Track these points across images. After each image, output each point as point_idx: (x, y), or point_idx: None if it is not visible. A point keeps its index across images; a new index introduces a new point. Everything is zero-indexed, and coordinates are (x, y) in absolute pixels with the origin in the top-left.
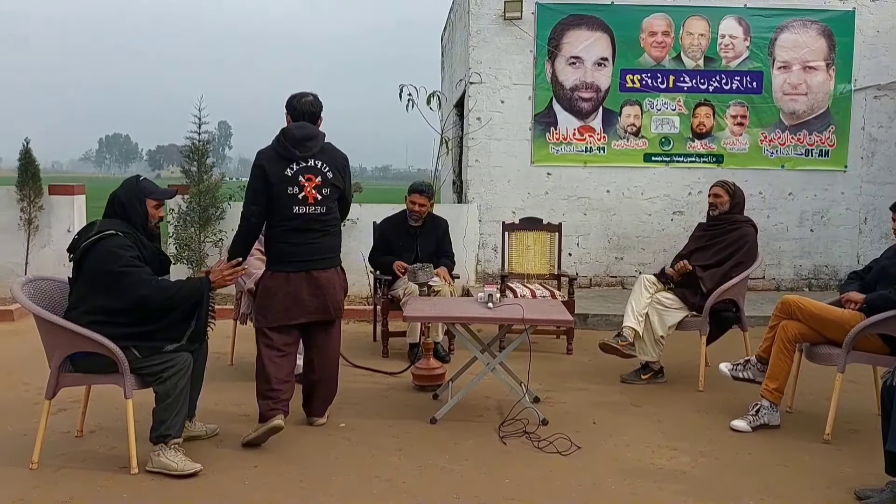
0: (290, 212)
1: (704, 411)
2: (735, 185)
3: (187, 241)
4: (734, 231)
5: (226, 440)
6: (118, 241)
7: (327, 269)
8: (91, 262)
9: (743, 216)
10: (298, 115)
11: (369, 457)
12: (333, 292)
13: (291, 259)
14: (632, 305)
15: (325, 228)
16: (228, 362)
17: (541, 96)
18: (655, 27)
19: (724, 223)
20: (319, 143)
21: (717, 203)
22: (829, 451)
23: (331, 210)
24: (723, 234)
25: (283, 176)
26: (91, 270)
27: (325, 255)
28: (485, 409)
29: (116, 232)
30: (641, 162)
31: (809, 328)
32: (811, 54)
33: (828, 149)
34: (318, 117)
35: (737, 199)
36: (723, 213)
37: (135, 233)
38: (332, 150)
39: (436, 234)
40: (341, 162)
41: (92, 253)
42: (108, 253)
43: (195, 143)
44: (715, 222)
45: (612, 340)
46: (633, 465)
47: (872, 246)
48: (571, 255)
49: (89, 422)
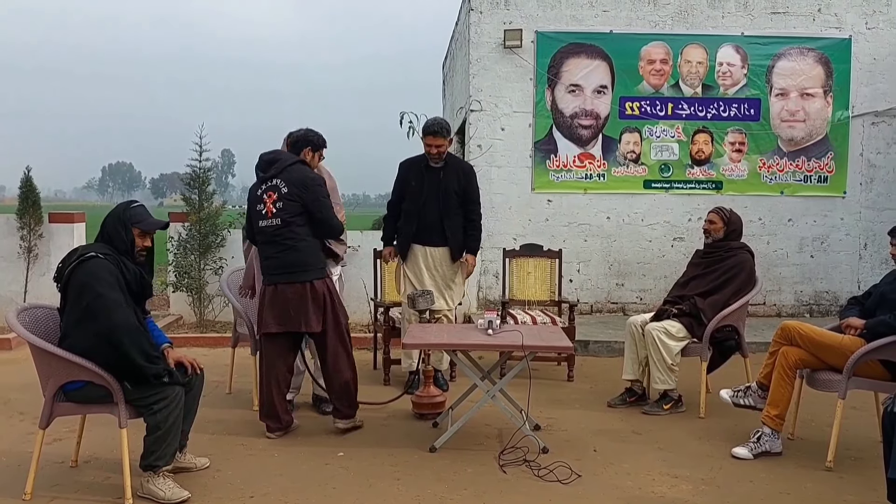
0: (258, 226)
1: (706, 438)
2: (731, 211)
3: (187, 269)
4: (730, 258)
5: (222, 469)
6: (97, 264)
7: (292, 284)
8: (71, 287)
9: (738, 242)
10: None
11: (367, 486)
12: (299, 305)
13: (265, 272)
14: (628, 357)
15: (285, 242)
16: (227, 390)
17: (541, 124)
18: (654, 55)
19: (720, 250)
20: (283, 164)
21: (711, 230)
22: (831, 479)
23: (287, 224)
24: (719, 262)
25: (255, 196)
26: (71, 296)
27: (287, 270)
28: (485, 437)
29: (96, 254)
30: (641, 188)
31: (810, 354)
32: (808, 81)
33: (826, 175)
34: (300, 147)
35: (732, 227)
36: (717, 241)
37: (117, 255)
38: (296, 170)
39: (459, 175)
40: (300, 179)
41: (73, 277)
42: (86, 275)
43: (196, 171)
44: (711, 250)
45: (619, 400)
46: (633, 494)
47: (873, 271)
48: (572, 281)
49: (84, 452)
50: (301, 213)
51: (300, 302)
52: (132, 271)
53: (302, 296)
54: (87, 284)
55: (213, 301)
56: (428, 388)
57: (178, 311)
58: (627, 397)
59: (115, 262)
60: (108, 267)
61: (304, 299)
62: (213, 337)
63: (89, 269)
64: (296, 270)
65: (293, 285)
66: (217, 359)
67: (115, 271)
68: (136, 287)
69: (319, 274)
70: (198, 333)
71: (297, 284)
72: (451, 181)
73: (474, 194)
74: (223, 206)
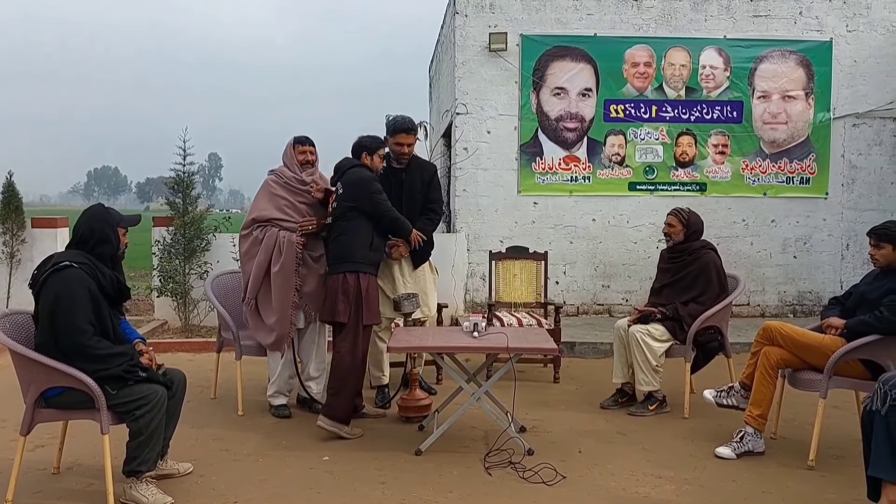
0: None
1: (690, 439)
2: (690, 212)
3: (172, 273)
4: (695, 262)
5: (206, 475)
6: (71, 276)
7: (331, 275)
8: (44, 297)
9: (700, 242)
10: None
11: (352, 490)
12: (332, 295)
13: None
14: (617, 360)
15: (331, 236)
16: (212, 395)
17: (526, 126)
18: (638, 58)
19: (682, 253)
20: (343, 169)
21: (671, 233)
22: (813, 478)
23: (337, 219)
24: (685, 267)
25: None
26: (43, 308)
27: (330, 261)
28: (471, 439)
29: (70, 263)
30: (626, 191)
31: (791, 354)
32: (790, 84)
33: (808, 176)
34: (357, 153)
35: (692, 228)
36: (678, 243)
37: (92, 262)
38: (351, 173)
39: (423, 175)
40: (353, 180)
41: (45, 286)
42: (60, 287)
43: (180, 175)
44: (673, 253)
45: (611, 401)
46: (618, 494)
47: (855, 271)
48: (559, 283)
49: (66, 458)
50: (350, 209)
51: (332, 292)
52: (108, 277)
53: (334, 287)
54: (59, 298)
55: (198, 306)
56: (414, 391)
57: (163, 315)
58: (619, 398)
59: (91, 270)
60: (83, 279)
61: (334, 290)
62: (199, 342)
63: (62, 281)
64: (332, 262)
65: (331, 276)
66: (202, 364)
67: (90, 282)
68: (112, 292)
69: (353, 267)
70: (182, 338)
71: (332, 276)
72: (415, 182)
73: (436, 193)
74: (208, 210)
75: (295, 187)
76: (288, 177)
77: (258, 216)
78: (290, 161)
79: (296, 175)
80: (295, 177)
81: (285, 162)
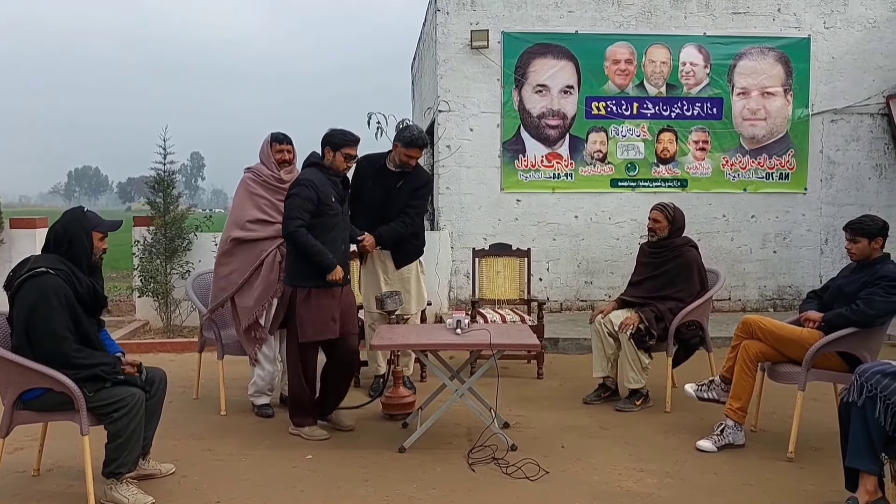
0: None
1: (671, 432)
2: (674, 207)
3: (153, 274)
4: (677, 258)
5: (188, 475)
6: (46, 283)
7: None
8: (19, 303)
9: (682, 238)
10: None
11: (335, 488)
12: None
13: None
14: (596, 354)
15: None
16: (194, 395)
17: (509, 124)
18: (619, 55)
19: (665, 249)
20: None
21: (656, 229)
22: (792, 469)
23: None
24: (666, 263)
25: None
26: (18, 314)
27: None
28: (454, 436)
29: (47, 269)
30: (608, 187)
31: (770, 347)
32: (769, 80)
33: (788, 172)
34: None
35: (677, 224)
36: (662, 239)
37: (69, 268)
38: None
39: (419, 184)
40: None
41: (21, 291)
42: (35, 293)
43: (160, 174)
44: (656, 249)
45: (593, 396)
46: (600, 489)
47: (834, 266)
48: (542, 280)
49: (46, 460)
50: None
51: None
52: (85, 284)
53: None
54: (35, 306)
55: (179, 306)
56: (397, 388)
57: (144, 316)
58: (602, 393)
59: (67, 276)
60: (59, 286)
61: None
62: (181, 342)
63: (38, 288)
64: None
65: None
66: (184, 364)
67: (66, 289)
68: (89, 299)
69: (288, 280)
70: (164, 339)
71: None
72: (410, 189)
73: (418, 200)
74: (189, 210)
75: (274, 186)
76: (266, 175)
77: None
78: (268, 159)
79: (274, 173)
80: (273, 175)
81: (262, 160)
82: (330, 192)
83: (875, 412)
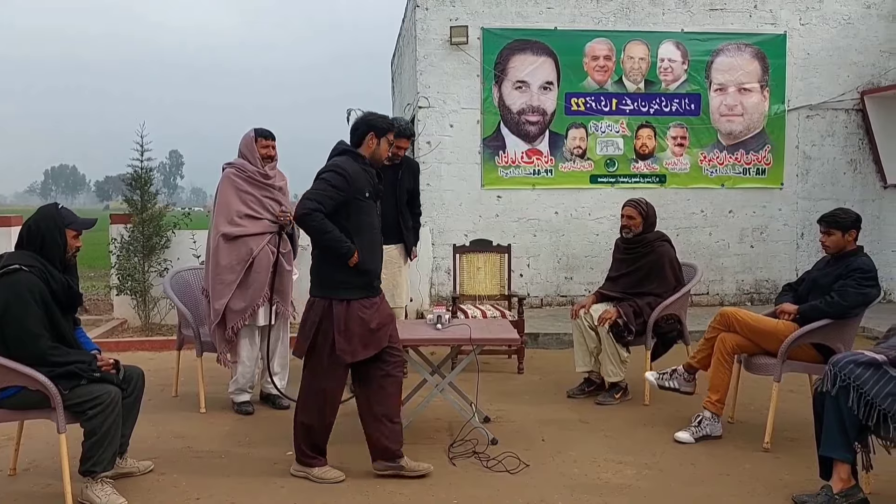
0: None
1: (650, 425)
2: (647, 203)
3: (131, 272)
4: (650, 255)
5: (167, 472)
6: (20, 280)
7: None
8: None
9: (655, 233)
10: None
11: (316, 485)
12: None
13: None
14: (578, 349)
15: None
16: (173, 393)
17: (489, 120)
18: (598, 51)
19: (638, 245)
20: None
21: (630, 225)
22: (768, 459)
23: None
24: (640, 259)
25: None
26: None
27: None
28: (435, 430)
29: (21, 266)
30: (588, 183)
31: (747, 339)
32: (746, 77)
33: (764, 167)
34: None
35: (650, 219)
36: (636, 235)
37: (44, 265)
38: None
39: (414, 172)
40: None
41: None
42: (9, 292)
43: (138, 171)
44: (630, 245)
45: (577, 390)
46: (579, 481)
47: (809, 260)
48: (522, 276)
49: (23, 459)
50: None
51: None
52: (59, 281)
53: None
54: (9, 305)
55: (158, 304)
56: None
57: (122, 314)
58: (586, 387)
59: (41, 273)
60: (33, 284)
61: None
62: (159, 340)
63: (12, 286)
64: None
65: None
66: (163, 362)
67: (41, 286)
68: (63, 298)
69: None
70: (143, 337)
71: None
72: (407, 179)
73: (418, 188)
74: (167, 208)
75: (259, 181)
76: (250, 171)
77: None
78: (252, 155)
79: (259, 169)
80: (258, 171)
81: (245, 155)
82: (364, 186)
83: (849, 401)
